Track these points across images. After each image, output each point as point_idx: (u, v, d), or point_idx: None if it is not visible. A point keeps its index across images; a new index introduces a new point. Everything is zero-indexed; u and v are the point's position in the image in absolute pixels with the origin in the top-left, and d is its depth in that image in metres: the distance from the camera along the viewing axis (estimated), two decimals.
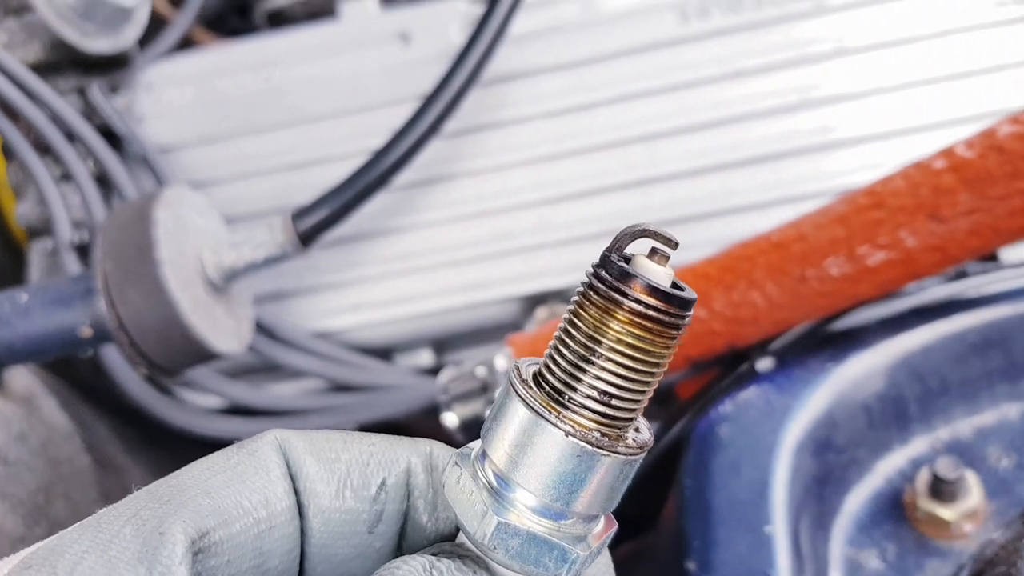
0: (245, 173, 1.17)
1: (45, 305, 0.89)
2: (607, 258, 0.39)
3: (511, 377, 0.41)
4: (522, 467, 0.40)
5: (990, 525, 0.77)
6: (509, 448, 0.40)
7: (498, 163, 1.13)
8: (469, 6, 1.18)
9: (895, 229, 0.77)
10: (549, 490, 0.40)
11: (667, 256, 0.39)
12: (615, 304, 0.39)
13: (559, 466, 0.39)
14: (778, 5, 1.10)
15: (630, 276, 0.38)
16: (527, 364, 0.42)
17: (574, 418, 0.39)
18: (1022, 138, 0.74)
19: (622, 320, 0.38)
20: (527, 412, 0.40)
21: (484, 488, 0.41)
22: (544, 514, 0.40)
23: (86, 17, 1.11)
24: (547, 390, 0.40)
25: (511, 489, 0.40)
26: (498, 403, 0.42)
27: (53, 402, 1.06)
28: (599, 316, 0.39)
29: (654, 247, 0.39)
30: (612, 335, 0.39)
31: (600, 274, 0.39)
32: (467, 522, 0.41)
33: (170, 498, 0.39)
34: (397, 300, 1.13)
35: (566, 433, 0.39)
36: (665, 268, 0.39)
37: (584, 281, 0.40)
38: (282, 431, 0.44)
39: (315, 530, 0.43)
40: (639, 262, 0.39)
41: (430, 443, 0.46)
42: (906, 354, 0.83)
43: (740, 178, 1.08)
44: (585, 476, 0.40)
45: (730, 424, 0.80)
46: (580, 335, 0.39)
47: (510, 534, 0.40)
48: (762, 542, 0.73)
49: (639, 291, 0.38)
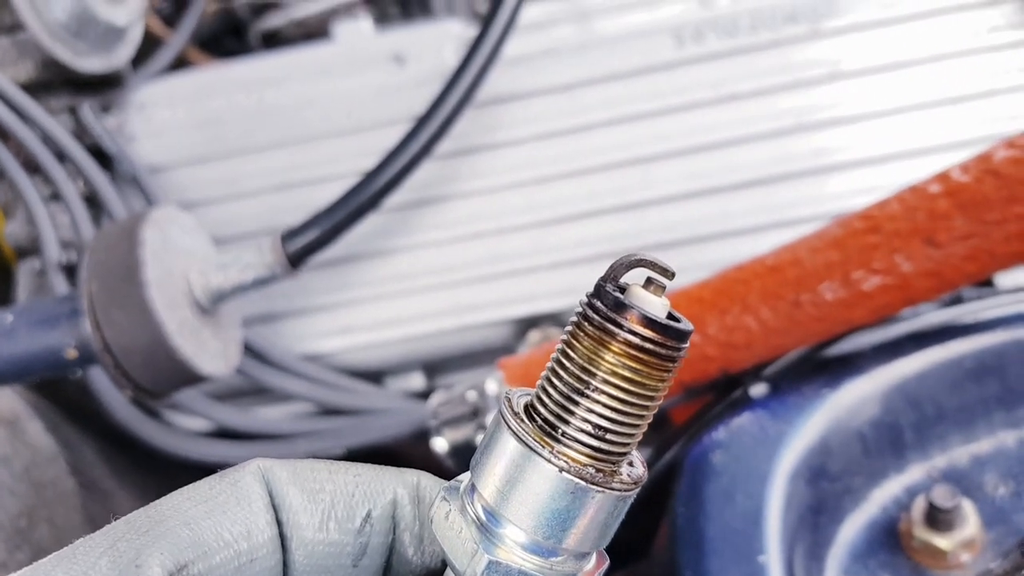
0: (236, 194, 1.16)
1: (30, 326, 0.88)
2: (601, 288, 0.38)
3: (502, 409, 0.40)
4: (512, 502, 0.39)
5: (987, 555, 0.75)
6: (499, 482, 0.39)
7: (491, 185, 1.12)
8: (463, 28, 1.18)
9: (891, 254, 0.77)
10: (540, 527, 0.39)
11: (663, 286, 0.38)
12: (609, 335, 0.37)
13: (550, 502, 0.38)
14: (773, 29, 1.10)
15: (625, 307, 0.37)
16: (519, 395, 0.41)
17: (567, 452, 0.38)
18: (1018, 162, 0.74)
19: (616, 352, 0.37)
20: (518, 445, 0.39)
21: (473, 524, 0.40)
22: (535, 551, 0.39)
23: (78, 36, 1.10)
24: (539, 423, 0.39)
25: (501, 525, 0.39)
26: (488, 435, 0.40)
27: (38, 424, 1.04)
28: (593, 347, 0.38)
29: (650, 276, 0.38)
30: (606, 367, 0.38)
31: (594, 304, 0.38)
32: (456, 559, 0.40)
33: (148, 529, 0.38)
34: (388, 323, 1.12)
35: (558, 468, 0.38)
36: (661, 298, 0.38)
37: (578, 311, 0.39)
38: (265, 460, 0.42)
39: (298, 563, 0.42)
40: (634, 292, 0.38)
41: (417, 474, 0.45)
42: (901, 380, 0.82)
43: (735, 202, 1.08)
44: (577, 512, 0.38)
45: (723, 451, 0.79)
46: (573, 366, 0.38)
47: (500, 573, 0.39)
48: (755, 572, 0.72)
49: (634, 322, 0.37)
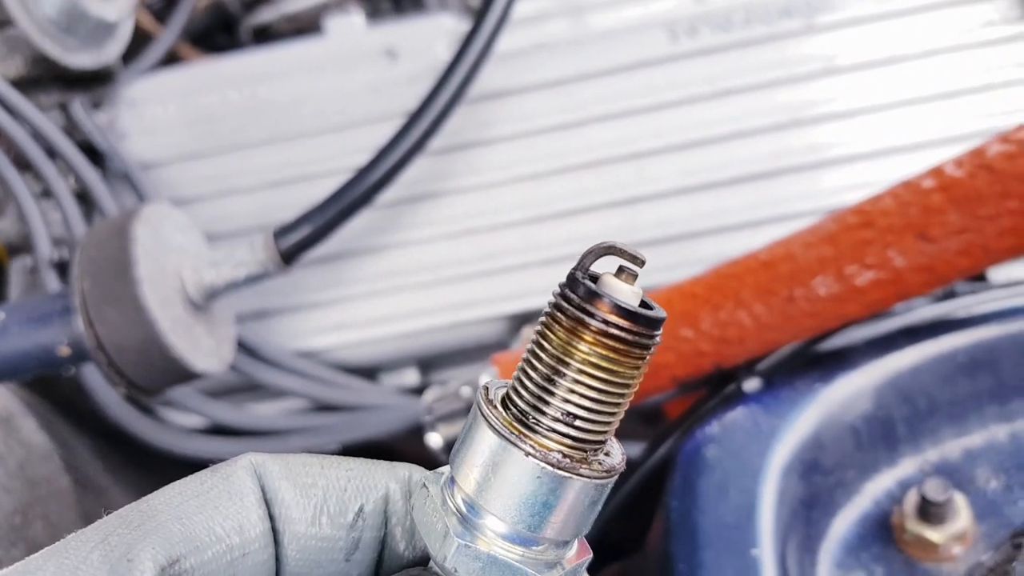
0: (228, 190, 1.16)
1: (22, 323, 0.88)
2: (573, 277, 0.38)
3: (478, 400, 0.40)
4: (489, 492, 0.39)
5: (979, 548, 0.76)
6: (476, 472, 0.39)
7: (484, 181, 1.12)
8: (456, 23, 1.17)
9: (884, 249, 0.77)
10: (518, 516, 0.39)
11: (635, 274, 0.38)
12: (582, 325, 0.38)
13: (528, 492, 0.38)
14: (768, 24, 1.10)
15: (597, 296, 0.37)
16: (496, 386, 0.41)
17: (541, 441, 0.38)
18: (1011, 157, 0.74)
19: (589, 341, 0.38)
20: (493, 436, 0.39)
21: (453, 513, 0.40)
22: (513, 540, 0.39)
23: (68, 32, 1.10)
24: (514, 413, 0.39)
25: (479, 515, 0.39)
26: (466, 427, 0.41)
27: (32, 422, 1.04)
28: (566, 337, 0.38)
29: (622, 265, 0.38)
30: (579, 356, 0.38)
31: (566, 294, 0.38)
32: (431, 544, 0.40)
33: (140, 523, 0.38)
34: (382, 319, 1.12)
35: (534, 458, 0.38)
36: (633, 287, 0.38)
37: (551, 301, 0.39)
38: (257, 455, 0.42)
39: (290, 557, 0.42)
40: (606, 281, 0.38)
41: (409, 468, 0.45)
42: (894, 375, 0.82)
43: (729, 197, 1.08)
44: (555, 501, 0.39)
45: (717, 445, 0.79)
46: (547, 356, 0.38)
47: (471, 556, 0.39)
48: (749, 566, 0.72)
49: (606, 311, 0.37)
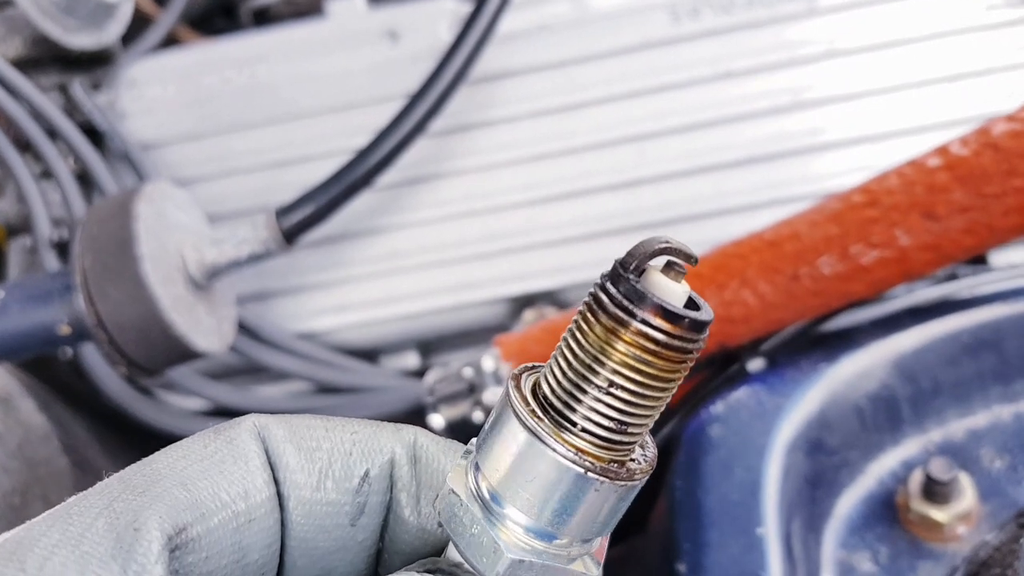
0: (229, 170, 1.15)
1: (22, 302, 0.87)
2: (619, 274, 0.35)
3: (509, 391, 0.38)
4: (515, 486, 0.37)
5: (984, 527, 0.76)
6: (503, 465, 0.37)
7: (486, 163, 1.12)
8: (457, 4, 1.17)
9: (889, 227, 0.76)
10: (546, 514, 0.37)
11: (683, 272, 0.36)
12: (622, 324, 0.35)
13: (554, 488, 0.37)
14: (769, 6, 1.09)
15: (641, 296, 0.34)
16: (527, 375, 0.39)
17: (573, 441, 0.36)
18: (1017, 135, 0.74)
19: (627, 341, 0.35)
20: (524, 432, 0.37)
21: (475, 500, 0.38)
22: (539, 536, 0.38)
23: (68, 12, 1.09)
24: (547, 409, 0.37)
25: (503, 506, 0.38)
26: (495, 417, 0.39)
27: (31, 403, 1.04)
28: (604, 335, 0.35)
29: (670, 260, 0.36)
30: (618, 357, 0.35)
31: (608, 288, 0.35)
32: (472, 556, 0.38)
33: (145, 489, 0.38)
34: (383, 301, 1.12)
35: (563, 457, 0.36)
36: (681, 285, 0.36)
37: (591, 292, 0.36)
38: (260, 417, 0.42)
39: (296, 523, 0.41)
40: (652, 278, 0.35)
41: (414, 431, 0.44)
42: (898, 355, 0.82)
43: (731, 179, 1.08)
44: (585, 501, 0.37)
45: (721, 425, 0.79)
46: (583, 354, 0.36)
47: (524, 569, 0.37)
48: (754, 544, 0.72)
49: (649, 313, 0.34)
